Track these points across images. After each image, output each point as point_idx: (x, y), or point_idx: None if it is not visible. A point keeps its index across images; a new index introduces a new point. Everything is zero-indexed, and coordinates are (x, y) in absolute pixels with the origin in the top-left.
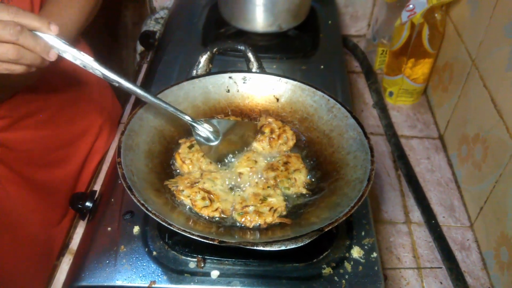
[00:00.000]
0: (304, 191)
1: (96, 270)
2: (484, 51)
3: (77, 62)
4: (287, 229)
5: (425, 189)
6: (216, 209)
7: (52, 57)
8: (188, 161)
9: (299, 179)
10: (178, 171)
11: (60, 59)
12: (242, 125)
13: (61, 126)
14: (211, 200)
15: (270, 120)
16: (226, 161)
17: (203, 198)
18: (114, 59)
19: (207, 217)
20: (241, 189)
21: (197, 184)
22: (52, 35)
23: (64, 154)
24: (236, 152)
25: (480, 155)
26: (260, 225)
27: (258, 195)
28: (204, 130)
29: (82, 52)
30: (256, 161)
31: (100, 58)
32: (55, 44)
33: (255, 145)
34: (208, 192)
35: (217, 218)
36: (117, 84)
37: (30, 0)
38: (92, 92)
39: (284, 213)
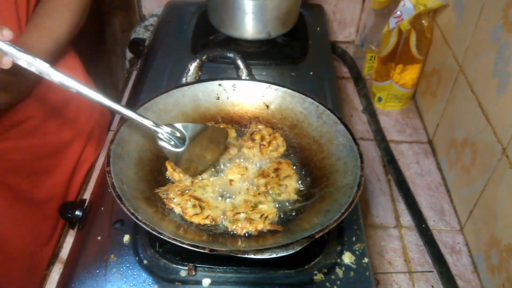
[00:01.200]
0: (295, 197)
1: (86, 279)
2: (470, 57)
3: (32, 69)
4: (278, 236)
5: (415, 193)
6: (207, 217)
7: (5, 65)
8: (179, 169)
9: (290, 186)
10: (169, 178)
11: (14, 66)
12: (211, 129)
13: (47, 135)
14: (201, 208)
15: (260, 127)
16: (200, 171)
17: (194, 206)
18: (104, 67)
19: (197, 225)
20: (232, 196)
21: (187, 191)
22: (3, 42)
23: (51, 163)
24: (209, 162)
25: (468, 159)
26: (251, 232)
27: (249, 202)
28: (168, 135)
29: (37, 58)
30: (247, 168)
31: (89, 65)
32: (8, 51)
33: (246, 151)
34: (199, 199)
35: (208, 226)
36: (75, 91)
37: (17, 19)
38: (78, 99)
39: (276, 220)
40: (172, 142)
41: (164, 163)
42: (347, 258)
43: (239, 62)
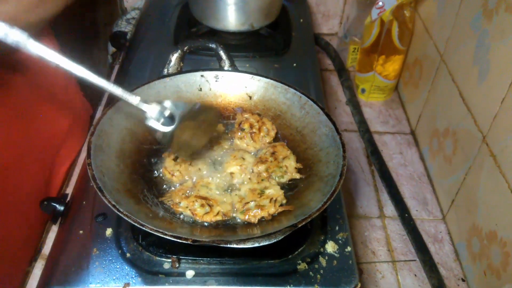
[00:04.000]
0: (297, 176)
1: (68, 274)
2: (451, 47)
3: (8, 40)
4: (264, 225)
5: (398, 184)
6: (218, 213)
7: None
8: (177, 173)
9: (290, 166)
10: (158, 174)
11: None
12: (202, 107)
13: (21, 130)
14: (210, 206)
15: (246, 115)
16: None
17: (202, 205)
18: (86, 61)
19: (209, 223)
20: (237, 188)
21: (191, 193)
22: None
23: (29, 159)
24: (202, 142)
25: (450, 149)
26: (264, 218)
27: (255, 190)
28: (157, 113)
29: (14, 27)
30: (243, 158)
31: (71, 60)
32: None
33: (238, 143)
34: (205, 198)
35: (219, 221)
36: (54, 65)
37: None
38: (55, 91)
39: (285, 201)
40: (162, 121)
41: (146, 156)
42: (330, 247)
43: (221, 53)
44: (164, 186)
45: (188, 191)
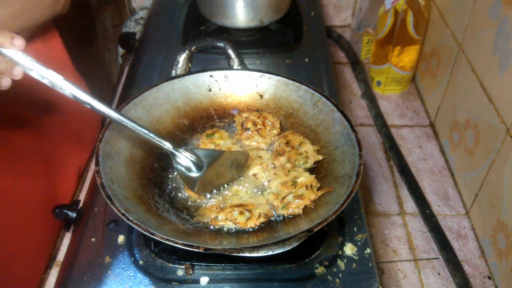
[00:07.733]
0: (319, 157)
1: (81, 283)
2: (470, 35)
3: (45, 81)
4: (275, 230)
5: (418, 178)
6: (259, 216)
7: (17, 75)
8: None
9: (309, 150)
10: (174, 185)
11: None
12: (230, 154)
13: (31, 135)
14: (249, 211)
15: (245, 115)
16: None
17: (241, 213)
18: (97, 63)
19: (252, 228)
20: (266, 187)
21: (224, 205)
22: (16, 51)
23: (39, 164)
24: (226, 185)
25: (472, 141)
26: (307, 206)
27: (286, 183)
28: (185, 159)
29: (49, 69)
30: (260, 157)
31: (81, 62)
32: (20, 61)
33: (247, 143)
34: (241, 205)
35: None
36: (89, 107)
37: None
38: (66, 100)
39: (318, 184)
40: (188, 166)
41: (156, 160)
42: (349, 249)
43: (230, 52)
44: (180, 194)
45: (220, 205)
